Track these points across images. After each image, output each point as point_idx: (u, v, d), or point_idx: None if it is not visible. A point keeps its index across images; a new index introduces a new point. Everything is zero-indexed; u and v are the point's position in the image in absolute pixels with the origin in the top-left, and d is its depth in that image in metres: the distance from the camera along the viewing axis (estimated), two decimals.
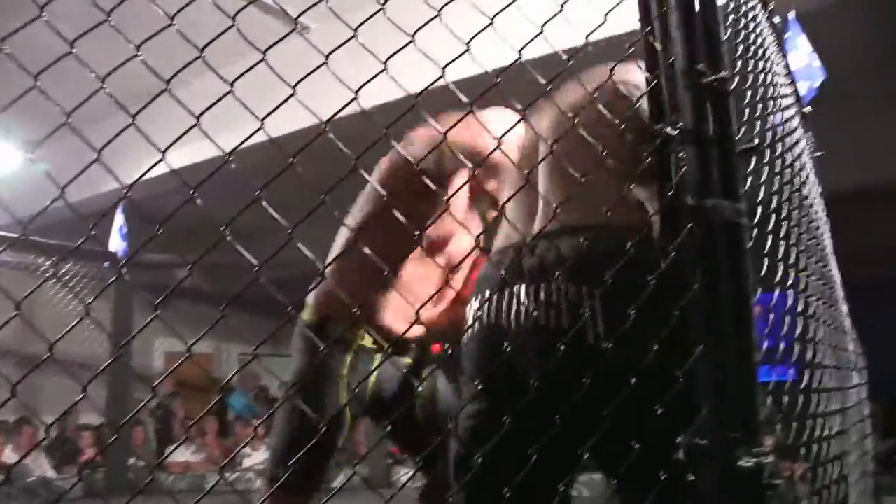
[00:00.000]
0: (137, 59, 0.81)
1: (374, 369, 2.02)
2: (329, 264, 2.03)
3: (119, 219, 6.29)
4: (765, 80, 1.54)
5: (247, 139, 0.77)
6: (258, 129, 0.80)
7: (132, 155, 2.49)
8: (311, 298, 2.10)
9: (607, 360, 1.12)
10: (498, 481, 1.16)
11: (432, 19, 0.95)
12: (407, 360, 2.12)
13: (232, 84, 0.78)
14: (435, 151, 1.77)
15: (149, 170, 0.79)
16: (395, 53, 0.98)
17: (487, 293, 1.42)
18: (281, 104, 0.83)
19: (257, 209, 0.85)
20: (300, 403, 1.98)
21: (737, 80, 1.16)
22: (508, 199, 1.44)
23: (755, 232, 1.22)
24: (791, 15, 2.47)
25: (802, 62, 2.53)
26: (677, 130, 1.08)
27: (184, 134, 0.75)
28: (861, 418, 2.13)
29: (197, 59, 0.79)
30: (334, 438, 1.99)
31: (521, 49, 1.05)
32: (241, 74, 0.81)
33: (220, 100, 0.77)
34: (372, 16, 0.95)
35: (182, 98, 0.83)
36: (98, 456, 6.79)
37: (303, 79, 0.84)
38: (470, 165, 1.85)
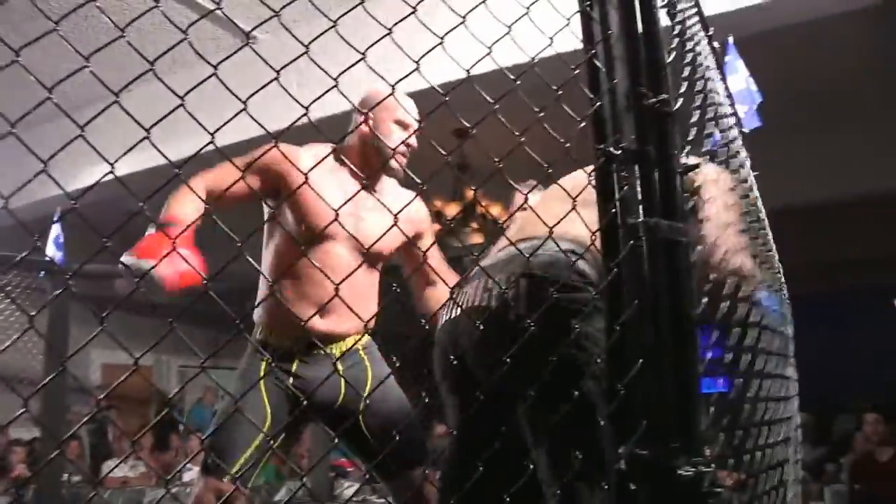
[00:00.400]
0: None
1: (333, 375, 2.07)
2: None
3: (55, 228, 6.15)
4: (704, 101, 1.60)
5: (197, 152, 0.77)
6: (209, 143, 0.80)
7: (66, 161, 2.44)
8: (256, 317, 2.19)
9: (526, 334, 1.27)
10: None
11: (383, 38, 0.97)
12: (340, 366, 2.15)
13: (183, 98, 0.78)
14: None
15: (99, 181, 0.78)
16: (345, 70, 1.00)
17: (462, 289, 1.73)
18: (231, 119, 0.83)
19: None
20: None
21: (680, 101, 1.20)
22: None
23: None
24: (730, 39, 2.56)
25: (741, 85, 2.61)
26: (620, 150, 1.11)
27: (133, 147, 0.75)
28: (796, 427, 2.22)
29: (148, 71, 0.79)
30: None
31: (469, 68, 1.08)
32: (193, 87, 0.81)
33: (170, 113, 0.77)
34: (324, 32, 0.96)
35: (124, 104, 0.83)
36: (32, 472, 6.56)
37: (253, 94, 0.84)
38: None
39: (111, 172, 0.75)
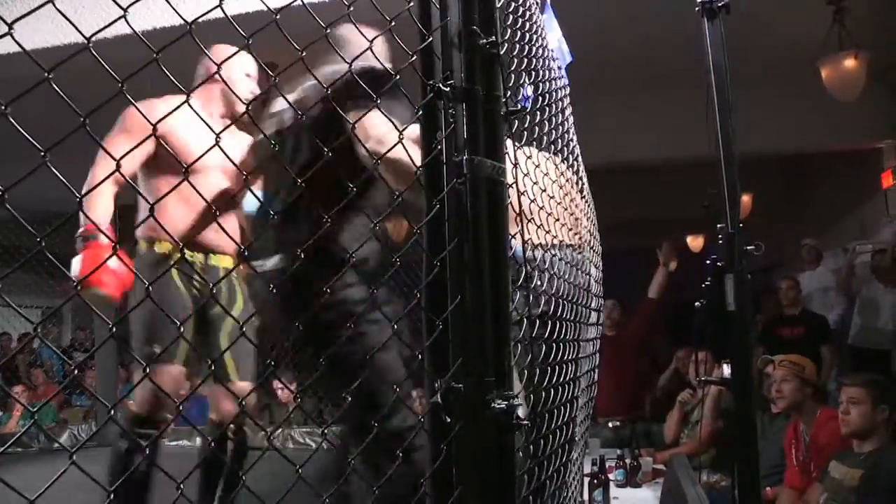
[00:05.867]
0: None
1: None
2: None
3: None
4: (541, 51, 1.63)
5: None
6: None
7: None
8: (140, 233, 2.51)
9: None
10: None
11: None
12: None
13: None
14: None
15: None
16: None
17: None
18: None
19: None
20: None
21: (512, 46, 1.21)
22: None
23: None
24: None
25: (554, 45, 2.71)
26: (448, 87, 1.11)
27: None
28: (593, 367, 2.38)
29: None
30: None
31: None
32: None
33: None
34: None
35: None
36: None
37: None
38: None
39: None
